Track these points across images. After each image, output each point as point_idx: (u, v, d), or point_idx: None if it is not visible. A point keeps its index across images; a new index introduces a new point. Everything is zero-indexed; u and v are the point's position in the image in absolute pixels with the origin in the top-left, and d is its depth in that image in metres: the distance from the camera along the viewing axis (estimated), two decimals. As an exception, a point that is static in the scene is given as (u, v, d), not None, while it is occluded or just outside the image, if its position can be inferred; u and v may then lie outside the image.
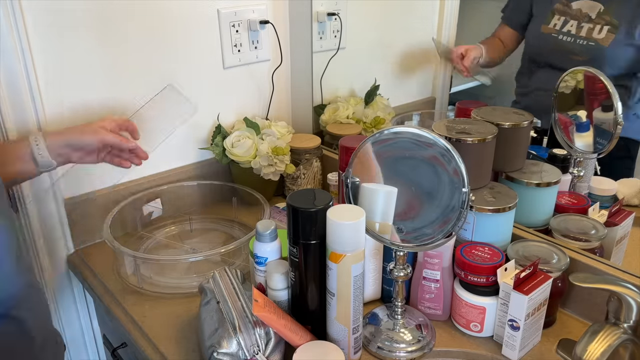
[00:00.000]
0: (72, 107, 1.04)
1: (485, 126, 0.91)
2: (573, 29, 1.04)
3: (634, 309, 0.71)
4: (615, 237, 0.92)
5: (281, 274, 0.83)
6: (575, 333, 0.86)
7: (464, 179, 0.72)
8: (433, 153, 0.73)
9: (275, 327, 0.75)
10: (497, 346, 0.84)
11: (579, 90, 1.00)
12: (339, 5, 1.33)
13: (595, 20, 1.00)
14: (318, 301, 0.80)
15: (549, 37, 1.08)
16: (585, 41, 1.02)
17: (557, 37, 1.06)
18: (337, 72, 1.36)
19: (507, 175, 0.97)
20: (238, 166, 1.20)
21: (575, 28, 1.03)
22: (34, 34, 0.95)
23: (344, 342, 0.78)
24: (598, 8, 1.00)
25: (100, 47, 1.04)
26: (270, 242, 0.86)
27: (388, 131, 0.76)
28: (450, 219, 0.74)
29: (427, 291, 0.89)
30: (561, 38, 1.05)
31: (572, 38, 1.04)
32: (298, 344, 0.76)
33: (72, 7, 0.98)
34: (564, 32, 1.05)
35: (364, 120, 1.33)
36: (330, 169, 1.25)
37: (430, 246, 0.78)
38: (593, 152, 0.99)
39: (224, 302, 0.80)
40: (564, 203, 0.98)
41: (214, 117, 1.24)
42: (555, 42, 1.06)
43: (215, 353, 0.73)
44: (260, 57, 1.27)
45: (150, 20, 1.08)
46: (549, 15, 1.08)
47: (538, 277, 0.80)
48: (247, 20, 1.21)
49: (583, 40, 1.02)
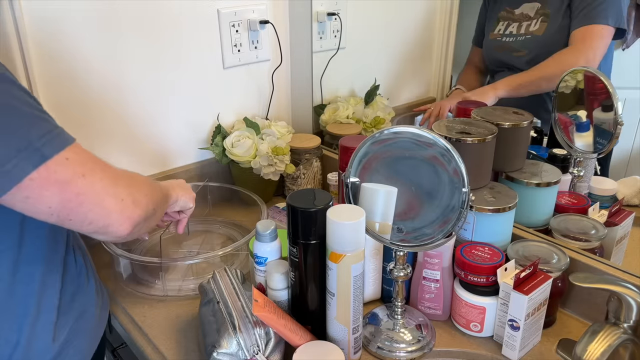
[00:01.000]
0: (72, 107, 1.04)
1: (485, 126, 0.91)
2: (514, 29, 1.12)
3: (634, 309, 0.71)
4: (615, 237, 0.92)
5: (281, 274, 0.83)
6: (575, 333, 0.86)
7: (464, 179, 0.71)
8: (433, 153, 0.73)
9: (275, 327, 0.75)
10: (497, 346, 0.84)
11: (579, 90, 1.00)
12: (339, 5, 1.33)
13: (534, 17, 1.08)
14: (318, 301, 0.80)
15: (495, 41, 1.18)
16: (523, 37, 1.10)
17: (501, 39, 1.16)
18: (337, 72, 1.36)
19: (507, 175, 0.97)
20: (238, 166, 1.20)
21: (516, 28, 1.12)
22: (32, 33, 0.95)
23: (344, 342, 0.78)
24: (536, 6, 1.08)
25: (100, 47, 1.04)
26: (270, 242, 0.86)
27: (388, 131, 0.76)
28: (450, 219, 0.74)
29: (427, 291, 0.89)
30: (504, 40, 1.15)
31: (514, 37, 1.12)
32: (298, 344, 0.76)
33: (72, 7, 0.98)
34: (506, 34, 1.15)
35: (364, 120, 1.33)
36: (330, 169, 1.25)
37: (430, 246, 0.78)
38: (593, 152, 0.99)
39: (224, 302, 0.80)
40: (564, 203, 0.98)
41: (214, 117, 1.24)
42: (500, 44, 1.16)
43: (215, 353, 0.73)
44: (260, 57, 1.27)
45: (150, 20, 1.08)
46: (494, 24, 1.18)
47: (538, 277, 0.80)
48: (247, 20, 1.21)
49: (522, 37, 1.11)
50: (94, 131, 1.08)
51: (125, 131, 1.12)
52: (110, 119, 1.09)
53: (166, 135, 1.19)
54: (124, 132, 1.12)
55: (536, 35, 1.07)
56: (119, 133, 1.12)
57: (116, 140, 1.12)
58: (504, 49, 1.15)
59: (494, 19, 1.18)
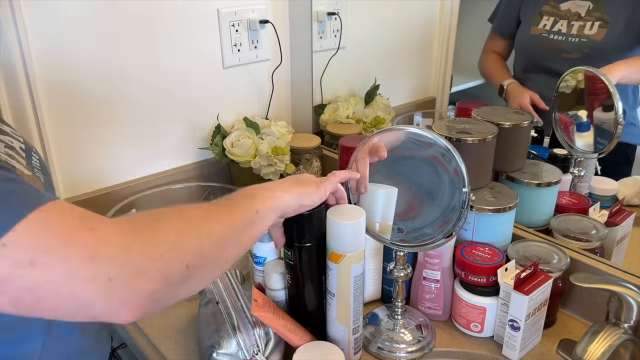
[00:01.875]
0: (71, 107, 1.04)
1: (485, 126, 0.91)
2: (563, 27, 1.03)
3: (634, 309, 0.71)
4: (615, 237, 0.92)
5: (279, 274, 0.82)
6: (575, 333, 0.86)
7: (464, 179, 0.71)
8: (433, 153, 0.73)
9: (275, 327, 0.74)
10: (498, 346, 0.84)
11: (579, 90, 1.00)
12: (339, 4, 1.32)
13: (585, 17, 1.01)
14: (316, 302, 0.80)
15: (540, 37, 1.07)
16: (577, 38, 1.02)
17: (547, 36, 1.06)
18: (337, 72, 1.36)
19: (507, 175, 0.97)
20: (238, 166, 1.20)
21: (566, 27, 1.03)
22: (32, 33, 0.95)
23: (344, 343, 0.78)
24: (587, 6, 1.01)
25: (100, 47, 1.03)
26: (269, 242, 0.86)
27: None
28: (450, 219, 0.74)
29: (427, 291, 0.89)
30: (552, 37, 1.05)
31: (564, 36, 1.03)
32: (297, 345, 0.76)
33: (71, 6, 0.98)
34: (554, 31, 1.05)
35: (364, 120, 1.33)
36: (330, 169, 1.25)
37: (430, 246, 0.78)
38: (594, 152, 0.99)
39: (223, 302, 0.79)
40: (565, 203, 0.98)
41: (214, 117, 1.24)
42: (546, 42, 1.06)
43: (215, 353, 0.73)
44: (260, 57, 1.27)
45: (150, 19, 1.08)
46: (537, 17, 1.08)
47: (538, 277, 0.80)
48: (247, 19, 1.21)
49: (575, 38, 1.02)
50: (93, 131, 1.08)
51: (124, 131, 1.12)
52: (109, 119, 1.09)
53: (166, 135, 1.18)
54: (123, 132, 1.12)
55: (594, 40, 1.00)
56: (119, 133, 1.11)
57: (116, 140, 1.12)
58: (552, 47, 1.06)
59: (535, 11, 1.08)
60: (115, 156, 1.13)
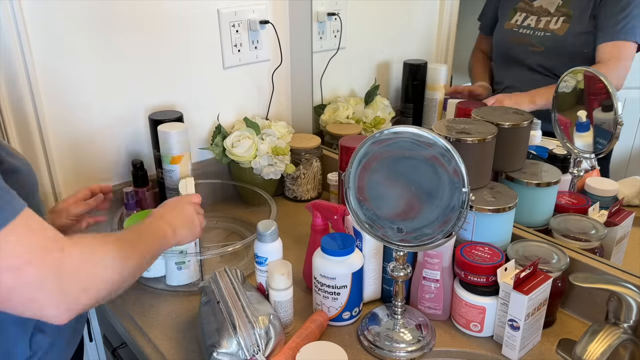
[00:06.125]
0: (71, 108, 1.04)
1: (485, 126, 0.91)
2: (532, 22, 1.10)
3: (634, 308, 0.71)
4: (615, 237, 0.92)
5: (282, 274, 0.83)
6: (575, 333, 0.86)
7: (464, 179, 0.71)
8: (433, 153, 0.73)
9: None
10: (497, 346, 0.84)
11: (579, 90, 1.00)
12: (339, 5, 1.33)
13: (554, 13, 1.07)
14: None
15: (511, 32, 1.15)
16: (542, 32, 1.08)
17: (517, 30, 1.13)
18: (337, 72, 1.36)
19: (507, 175, 0.97)
20: (238, 166, 1.20)
21: (535, 22, 1.10)
22: (32, 33, 0.95)
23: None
24: (557, 3, 1.07)
25: (99, 47, 1.04)
26: (271, 242, 0.86)
27: (388, 131, 0.76)
28: (450, 218, 0.74)
29: (427, 291, 0.89)
30: (522, 31, 1.12)
31: (532, 31, 1.10)
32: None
33: (70, 6, 0.98)
34: (524, 26, 1.12)
35: (364, 120, 1.33)
36: (330, 169, 1.25)
37: (430, 246, 0.78)
38: (593, 152, 0.99)
39: (224, 302, 0.80)
40: (564, 203, 0.98)
41: (214, 117, 1.24)
42: (516, 36, 1.13)
43: (215, 353, 0.73)
44: (260, 57, 1.27)
45: (151, 20, 1.08)
46: (511, 13, 1.15)
47: (538, 277, 0.80)
48: (247, 20, 1.21)
49: (541, 32, 1.08)
50: (93, 131, 1.08)
51: (124, 131, 1.12)
52: (109, 119, 1.09)
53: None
54: (123, 132, 1.12)
55: (556, 34, 1.06)
56: (119, 133, 1.12)
57: (115, 140, 1.12)
58: (521, 41, 1.12)
59: (510, 8, 1.15)
60: (115, 156, 1.13)
